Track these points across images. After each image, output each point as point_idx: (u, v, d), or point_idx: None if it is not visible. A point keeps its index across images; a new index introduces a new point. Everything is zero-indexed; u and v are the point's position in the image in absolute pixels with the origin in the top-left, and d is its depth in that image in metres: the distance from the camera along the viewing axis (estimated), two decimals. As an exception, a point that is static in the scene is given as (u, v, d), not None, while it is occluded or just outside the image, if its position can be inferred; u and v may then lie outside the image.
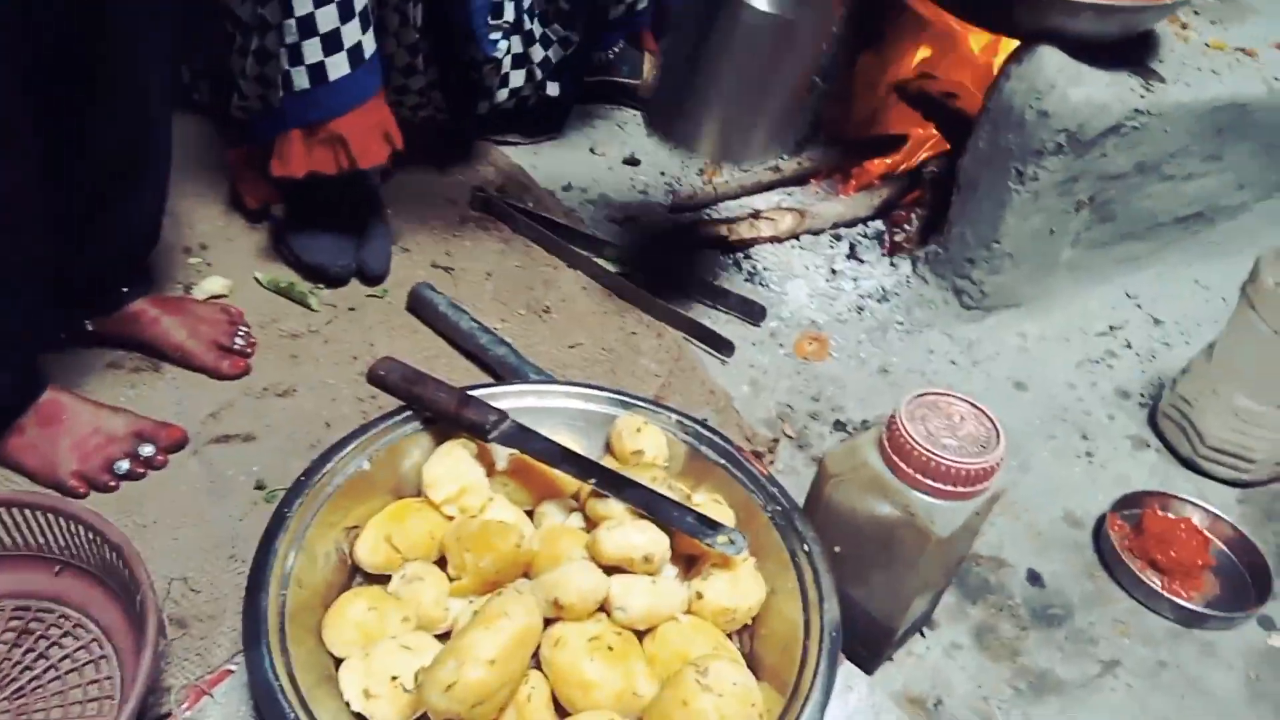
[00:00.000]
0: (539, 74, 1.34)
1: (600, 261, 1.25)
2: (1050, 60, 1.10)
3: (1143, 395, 1.21)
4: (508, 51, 1.27)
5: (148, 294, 1.02)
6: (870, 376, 1.18)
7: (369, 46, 1.02)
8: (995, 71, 1.19)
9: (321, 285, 1.16)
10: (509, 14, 1.24)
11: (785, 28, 0.93)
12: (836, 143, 1.45)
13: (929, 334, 1.24)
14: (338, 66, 1.01)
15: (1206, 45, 1.25)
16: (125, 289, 1.00)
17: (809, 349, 1.20)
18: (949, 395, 0.74)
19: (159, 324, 1.01)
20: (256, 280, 1.15)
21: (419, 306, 1.12)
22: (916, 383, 1.17)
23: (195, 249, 1.18)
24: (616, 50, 1.51)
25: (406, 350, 1.09)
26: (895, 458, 0.71)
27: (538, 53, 1.32)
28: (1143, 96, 1.11)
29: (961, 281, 1.23)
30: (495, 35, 1.23)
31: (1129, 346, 1.28)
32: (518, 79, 1.33)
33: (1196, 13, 1.31)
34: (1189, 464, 1.11)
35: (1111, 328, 1.29)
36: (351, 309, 1.14)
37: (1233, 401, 1.05)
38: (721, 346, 1.16)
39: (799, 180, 1.44)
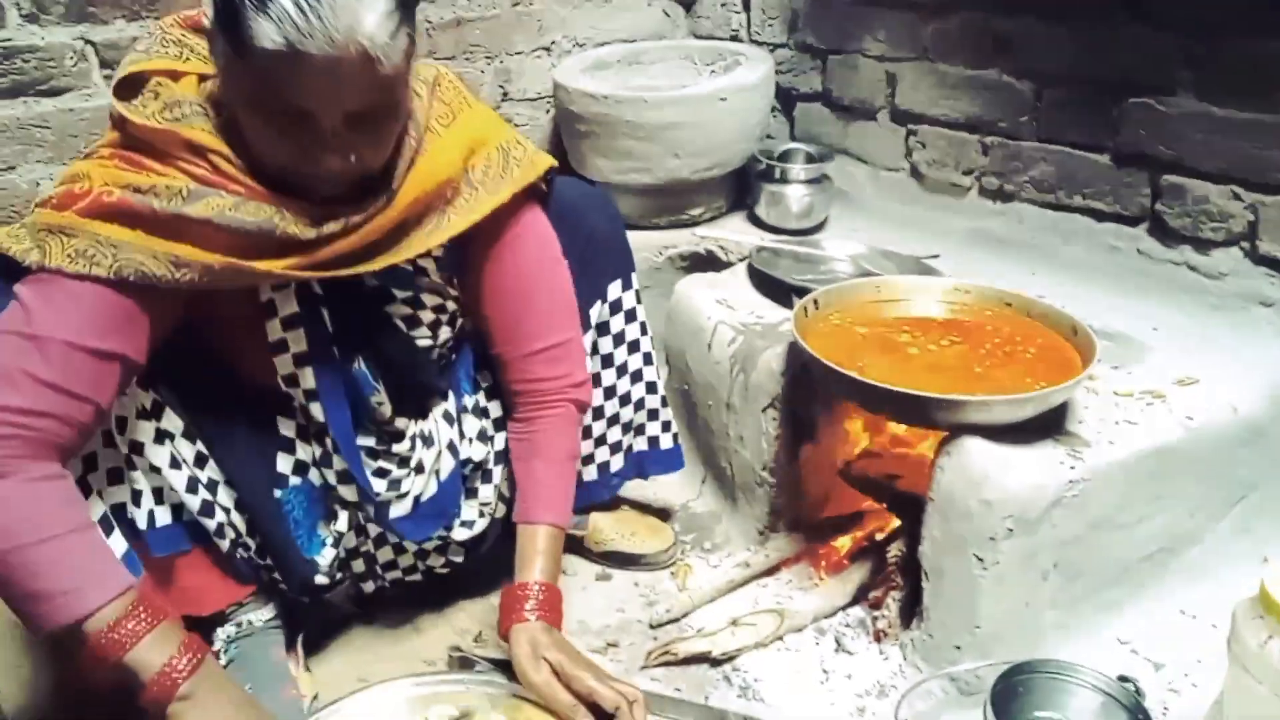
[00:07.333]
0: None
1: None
2: (977, 451, 1.16)
3: (1169, 759, 1.15)
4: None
5: None
6: (888, 791, 1.12)
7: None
8: (931, 453, 1.25)
9: None
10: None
11: None
12: (797, 528, 1.48)
13: (936, 728, 1.19)
14: None
15: (1115, 394, 1.34)
16: None
17: (819, 771, 1.15)
18: None
19: None
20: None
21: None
22: (936, 791, 1.11)
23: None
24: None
25: None
26: None
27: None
28: (1073, 467, 1.17)
29: (954, 667, 1.21)
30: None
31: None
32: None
33: (1099, 360, 1.41)
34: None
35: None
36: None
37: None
38: (728, 792, 1.10)
39: (769, 571, 1.45)
